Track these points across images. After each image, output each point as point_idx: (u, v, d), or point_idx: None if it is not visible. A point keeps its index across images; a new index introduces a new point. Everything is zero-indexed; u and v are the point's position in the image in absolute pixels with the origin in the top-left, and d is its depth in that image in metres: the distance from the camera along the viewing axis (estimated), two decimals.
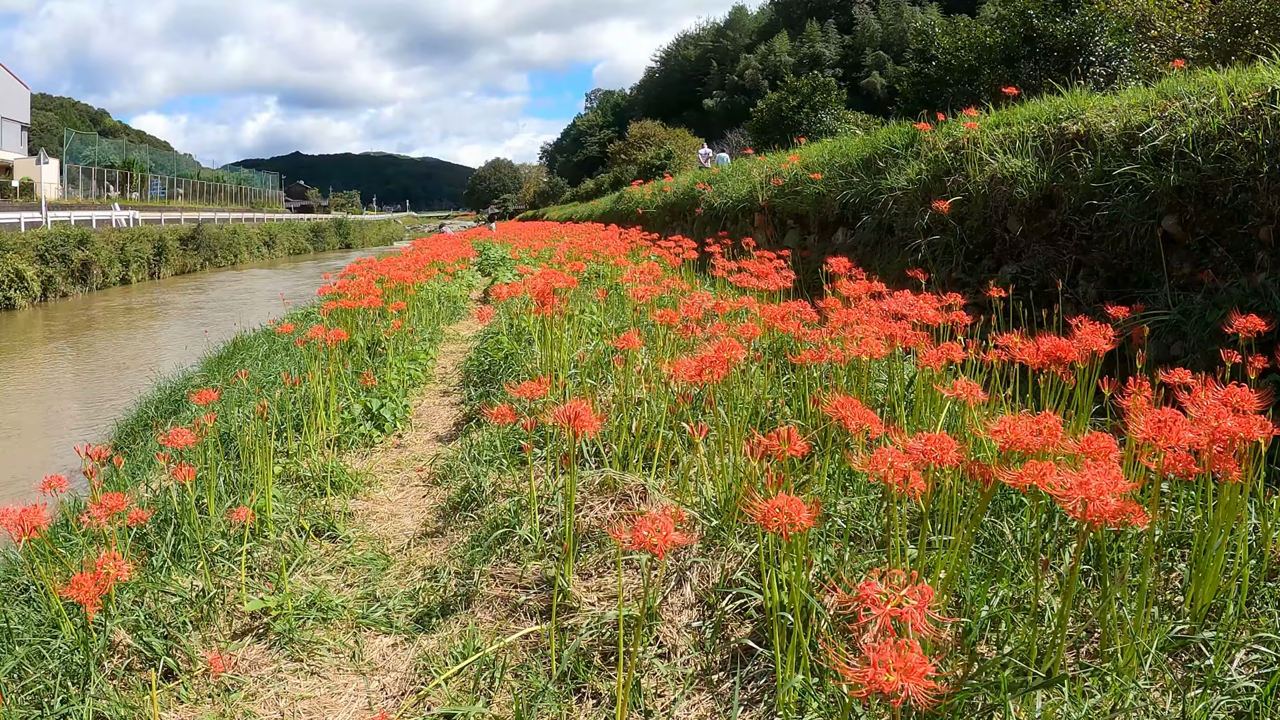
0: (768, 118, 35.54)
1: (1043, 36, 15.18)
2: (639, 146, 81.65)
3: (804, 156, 15.72)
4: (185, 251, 50.13)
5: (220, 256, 54.95)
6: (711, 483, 4.56)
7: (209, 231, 53.62)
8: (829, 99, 34.49)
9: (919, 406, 5.71)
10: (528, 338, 9.58)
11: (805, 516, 2.70)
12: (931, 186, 11.01)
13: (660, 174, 50.73)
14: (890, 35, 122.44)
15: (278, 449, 6.83)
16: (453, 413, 8.56)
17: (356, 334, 10.16)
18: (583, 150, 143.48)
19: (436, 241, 34.80)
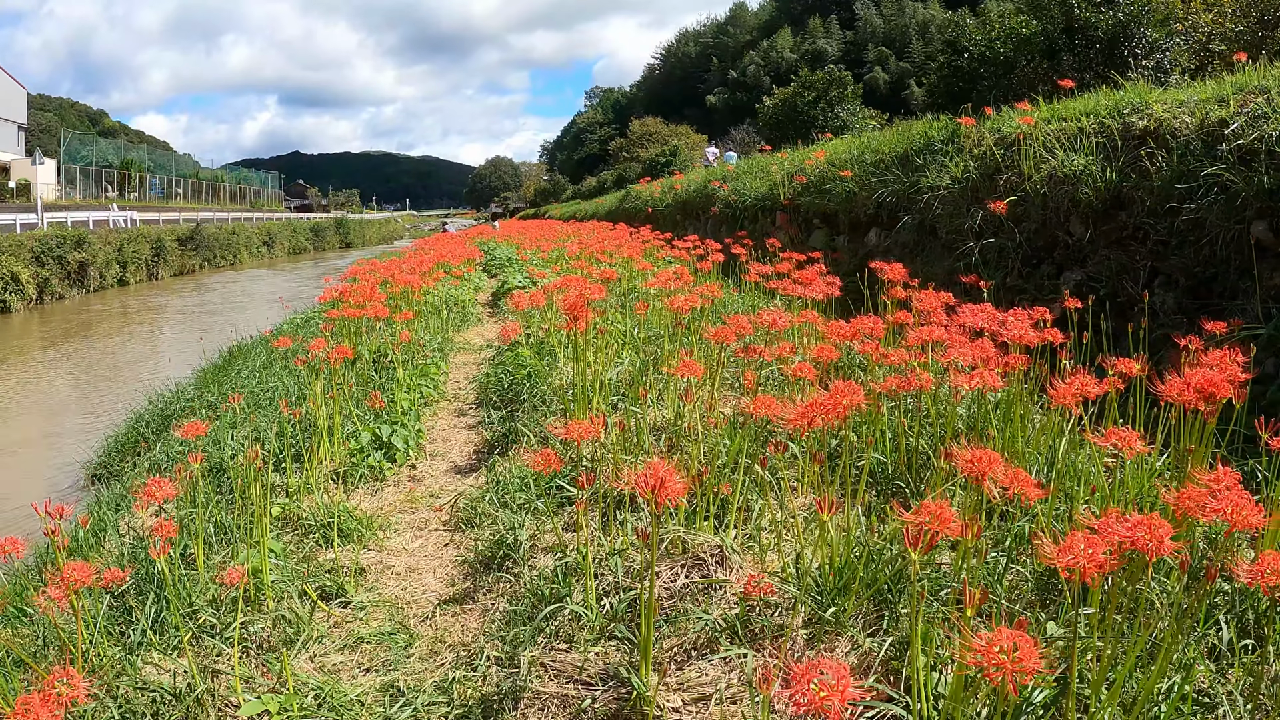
0: (781, 113, 34.63)
1: (1085, 27, 14.38)
2: (641, 144, 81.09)
3: (830, 152, 14.95)
4: (184, 252, 49.69)
5: (219, 257, 54.48)
6: (812, 550, 3.76)
7: (208, 232, 53.10)
8: (845, 94, 33.55)
9: (1011, 440, 4.96)
10: (549, 350, 8.82)
11: (1033, 661, 1.91)
12: (980, 185, 10.26)
13: (666, 171, 49.99)
14: (892, 31, 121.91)
15: (275, 485, 6.05)
16: (470, 437, 7.75)
17: (361, 345, 9.37)
18: (583, 148, 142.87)
19: (438, 241, 34.05)
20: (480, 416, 8.11)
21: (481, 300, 18.31)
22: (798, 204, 15.28)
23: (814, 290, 7.50)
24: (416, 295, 12.27)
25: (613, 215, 36.03)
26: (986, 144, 10.45)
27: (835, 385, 3.61)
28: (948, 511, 2.75)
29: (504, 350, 10.00)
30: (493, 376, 8.65)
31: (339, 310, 9.20)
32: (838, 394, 3.52)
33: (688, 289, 8.21)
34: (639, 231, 19.74)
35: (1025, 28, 15.08)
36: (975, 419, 5.49)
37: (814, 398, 3.54)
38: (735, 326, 5.29)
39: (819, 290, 7.49)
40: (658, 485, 2.80)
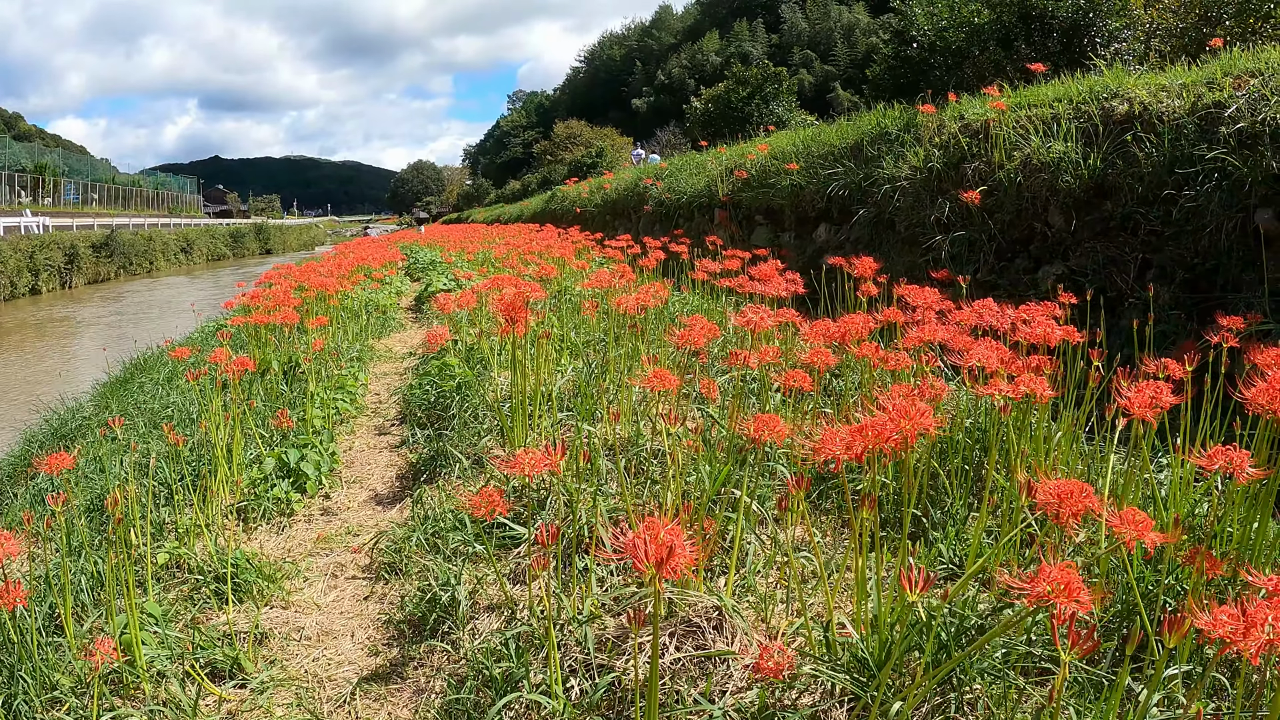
0: (714, 110, 33.74)
1: (1042, 16, 13.72)
2: (565, 146, 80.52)
3: (773, 146, 14.18)
4: (99, 259, 48.02)
5: (135, 264, 52.89)
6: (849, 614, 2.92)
7: (123, 238, 51.48)
8: (780, 90, 32.72)
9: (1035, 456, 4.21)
10: (480, 358, 7.93)
11: None
12: (945, 175, 9.59)
13: (592, 172, 49.23)
14: (817, 34, 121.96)
15: (165, 523, 5.10)
16: (393, 460, 6.79)
17: (270, 356, 8.40)
18: (506, 151, 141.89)
19: (360, 245, 33.03)
20: (404, 435, 7.17)
21: (404, 305, 17.33)
22: (738, 200, 14.51)
23: (773, 288, 6.70)
24: (334, 300, 11.29)
25: (538, 217, 35.23)
26: (949, 131, 9.79)
27: (895, 404, 2.76)
28: (1074, 578, 1.95)
29: (429, 359, 9.09)
30: (417, 389, 7.69)
31: (245, 317, 8.27)
32: (902, 416, 2.68)
33: (631, 288, 7.40)
34: (567, 232, 19.02)
35: (978, 16, 14.38)
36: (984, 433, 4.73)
37: (870, 421, 2.68)
38: (702, 329, 4.45)
39: (778, 288, 6.69)
40: (665, 556, 1.93)
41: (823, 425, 4.90)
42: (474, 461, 5.60)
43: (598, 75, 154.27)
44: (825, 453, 2.68)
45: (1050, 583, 2.00)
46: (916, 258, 9.57)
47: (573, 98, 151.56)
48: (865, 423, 2.66)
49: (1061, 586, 1.99)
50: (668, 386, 3.77)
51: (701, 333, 4.44)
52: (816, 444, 2.75)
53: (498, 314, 5.12)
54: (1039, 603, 2.02)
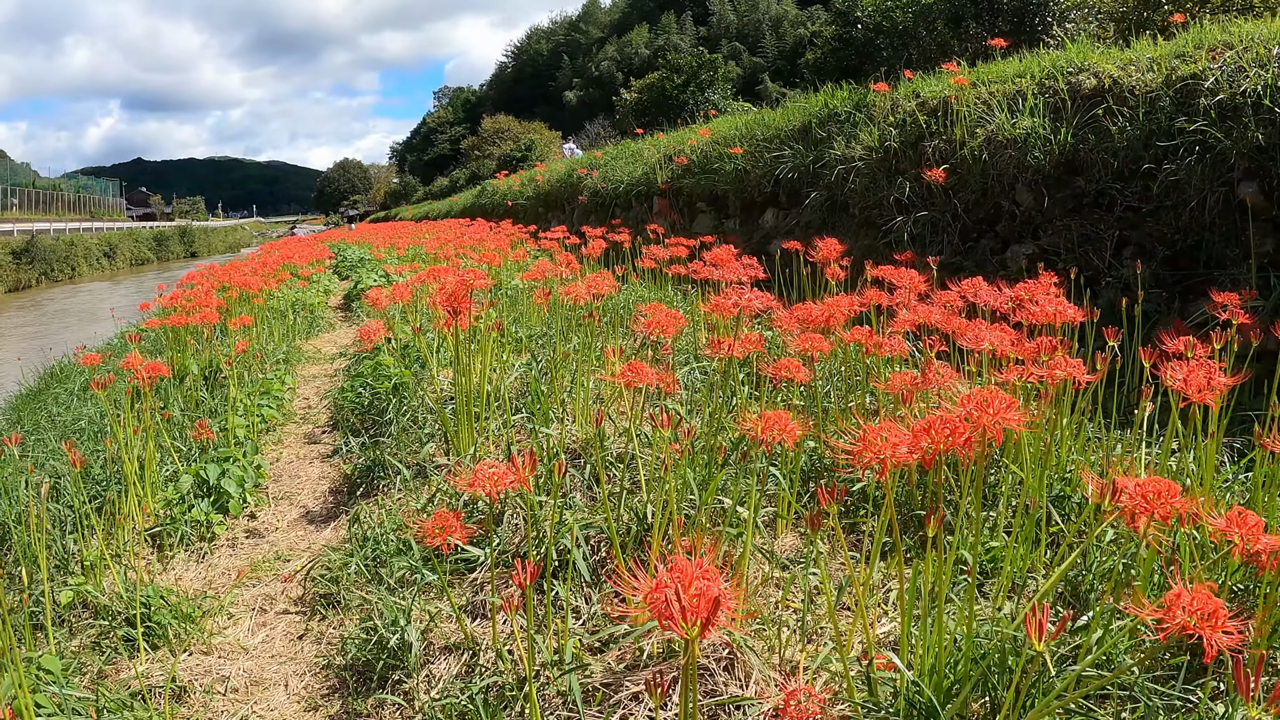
0: (647, 99, 33.09)
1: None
2: (493, 141, 79.78)
3: (715, 131, 13.70)
4: (19, 266, 46.85)
5: (57, 270, 51.60)
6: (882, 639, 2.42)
7: (44, 244, 50.25)
8: (715, 77, 32.07)
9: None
10: (417, 356, 7.36)
11: None
12: (903, 155, 9.18)
13: (522, 166, 48.63)
14: (745, 26, 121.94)
15: (70, 554, 4.49)
16: (325, 471, 6.17)
17: (189, 361, 7.77)
18: (434, 148, 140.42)
19: (287, 245, 32.22)
20: (336, 442, 6.55)
21: (333, 304, 16.65)
22: (679, 188, 14.02)
23: (728, 273, 6.22)
24: (258, 300, 10.65)
25: (468, 212, 34.59)
26: (905, 110, 9.41)
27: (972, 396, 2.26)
28: (1218, 605, 1.48)
29: (361, 358, 8.51)
30: (349, 391, 7.06)
31: (162, 319, 7.65)
32: (982, 409, 2.18)
33: (577, 278, 6.89)
34: (499, 226, 18.48)
35: None
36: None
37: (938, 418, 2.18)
38: (667, 318, 3.93)
39: (735, 273, 6.21)
40: (708, 612, 1.41)
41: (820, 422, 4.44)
42: (416, 472, 5.03)
43: (525, 70, 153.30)
44: (871, 457, 2.18)
45: (1190, 610, 1.54)
46: (875, 240, 9.16)
47: (500, 93, 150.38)
48: (931, 420, 2.15)
49: (1205, 615, 1.53)
50: (643, 381, 3.26)
51: (668, 321, 3.93)
52: (853, 446, 2.25)
53: (437, 306, 4.56)
54: (1179, 635, 1.55)
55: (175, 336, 8.19)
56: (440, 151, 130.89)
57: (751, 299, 3.95)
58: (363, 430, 6.30)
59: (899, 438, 2.21)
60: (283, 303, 12.33)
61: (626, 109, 38.21)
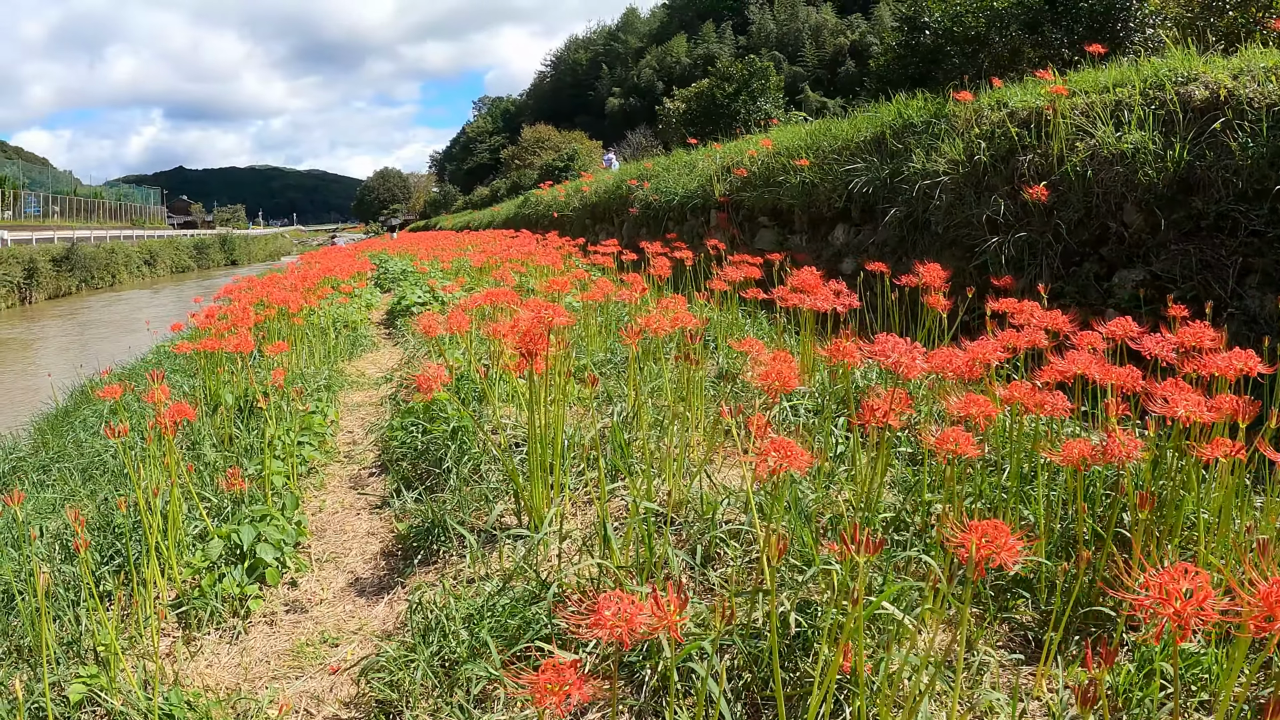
0: (697, 108, 32.24)
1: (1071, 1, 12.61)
2: (533, 151, 79.42)
3: (777, 141, 13.00)
4: (59, 273, 46.78)
5: (97, 277, 51.60)
6: None
7: (85, 251, 50.19)
8: (767, 85, 31.19)
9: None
10: (472, 387, 6.71)
11: None
12: (993, 170, 8.42)
13: (565, 176, 48.05)
14: (785, 35, 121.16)
15: (80, 629, 3.84)
16: (375, 526, 5.46)
17: (222, 389, 7.13)
18: (473, 158, 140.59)
19: (327, 254, 31.73)
20: (386, 489, 5.87)
21: (375, 319, 16.01)
22: (738, 200, 13.33)
23: (819, 301, 5.57)
24: (297, 318, 10.03)
25: (511, 223, 34.05)
26: (991, 120, 8.71)
27: None
28: None
29: (410, 385, 7.86)
30: (399, 430, 6.38)
31: (193, 343, 7.03)
32: None
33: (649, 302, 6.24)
34: (546, 238, 17.82)
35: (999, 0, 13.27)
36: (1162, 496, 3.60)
37: None
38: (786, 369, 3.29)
39: (825, 300, 5.57)
40: None
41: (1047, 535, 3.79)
42: (484, 537, 4.36)
43: (564, 80, 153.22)
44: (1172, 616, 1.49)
45: None
46: (963, 262, 8.44)
47: (539, 103, 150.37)
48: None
49: None
50: (797, 466, 2.60)
51: (787, 372, 3.28)
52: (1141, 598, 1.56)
53: (505, 342, 3.90)
54: None
55: (209, 359, 7.58)
56: (480, 161, 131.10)
57: (883, 347, 3.27)
58: (416, 479, 5.63)
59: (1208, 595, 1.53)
60: (323, 320, 11.71)
61: (671, 118, 37.51)
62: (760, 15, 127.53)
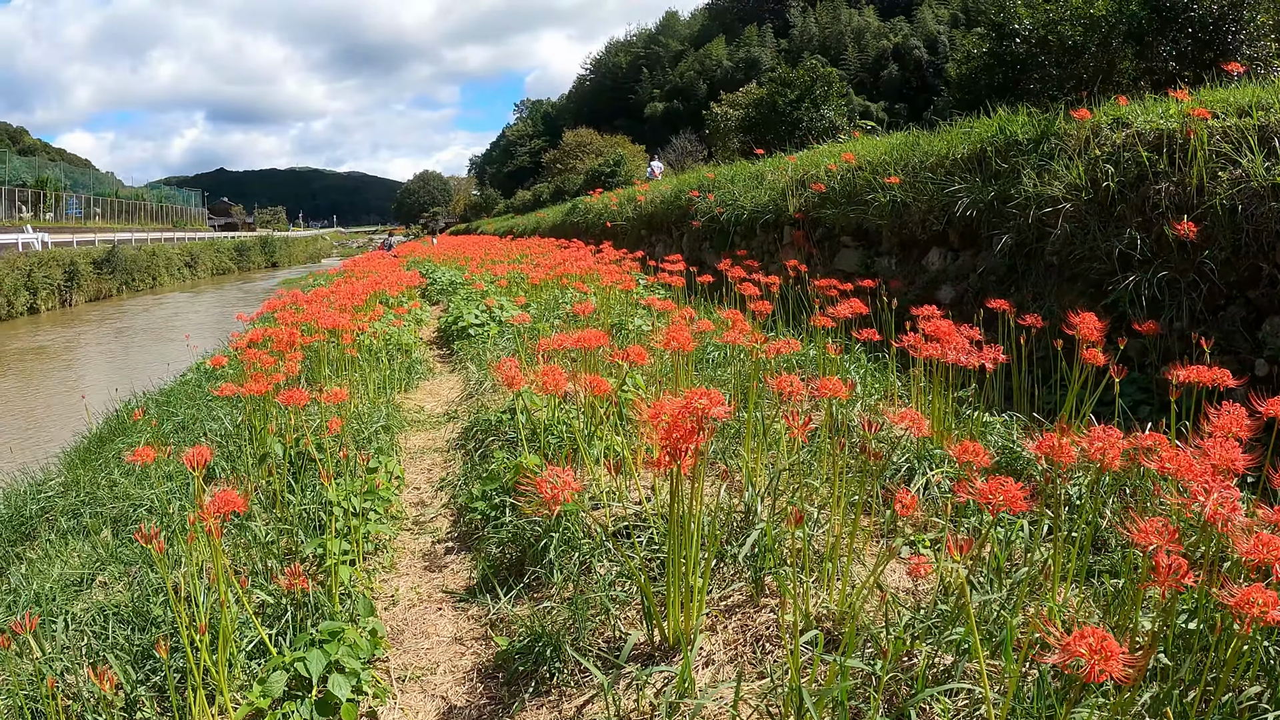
0: (756, 115, 31.15)
1: (1180, 9, 11.64)
2: (575, 155, 78.84)
3: (860, 154, 12.11)
4: (100, 276, 46.92)
5: (138, 280, 51.58)
6: None
7: (125, 253, 50.14)
8: (830, 92, 30.08)
9: None
10: (554, 434, 5.91)
11: None
12: (1121, 198, 7.50)
13: (611, 181, 47.32)
14: (828, 38, 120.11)
15: None
16: (463, 627, 4.54)
17: (272, 441, 6.34)
18: (513, 161, 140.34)
19: (370, 261, 31.08)
20: (467, 574, 5.03)
21: (425, 337, 15.23)
22: (816, 217, 12.44)
23: (958, 354, 4.79)
24: (350, 350, 9.27)
25: (558, 230, 33.25)
26: (1112, 141, 7.82)
27: None
28: None
29: (485, 435, 7.06)
30: (479, 500, 5.49)
31: (238, 387, 6.26)
32: None
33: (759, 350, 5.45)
34: (601, 249, 17.03)
35: (1094, 6, 12.32)
36: None
37: None
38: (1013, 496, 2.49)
39: (962, 352, 4.78)
40: None
41: None
42: (606, 663, 3.53)
43: (604, 83, 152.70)
44: None
45: None
46: (1085, 299, 7.56)
47: (579, 105, 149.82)
48: None
49: None
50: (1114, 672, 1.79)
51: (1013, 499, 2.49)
52: None
53: (647, 432, 3.08)
54: None
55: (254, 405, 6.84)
56: (520, 164, 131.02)
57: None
58: (507, 568, 4.77)
59: None
60: (376, 345, 10.93)
61: (721, 123, 36.58)
62: (802, 19, 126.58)
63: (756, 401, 5.46)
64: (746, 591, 3.83)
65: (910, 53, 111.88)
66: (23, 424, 17.00)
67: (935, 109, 14.97)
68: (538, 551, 4.54)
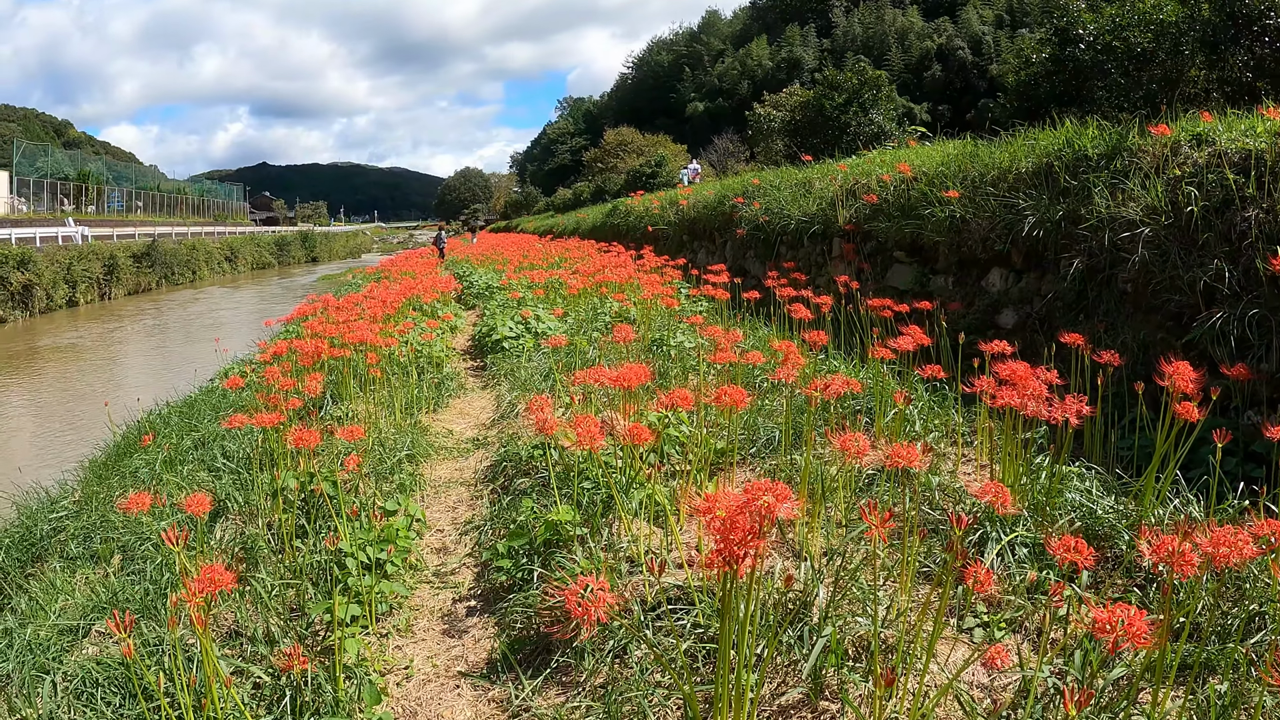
0: (802, 118, 30.41)
1: (1256, 16, 10.97)
2: (616, 154, 78.49)
3: (915, 165, 11.53)
4: (139, 269, 47.25)
5: (178, 274, 51.88)
6: None
7: (165, 247, 50.44)
8: (879, 96, 29.30)
9: None
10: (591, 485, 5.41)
11: None
12: (1206, 224, 6.89)
13: (652, 182, 46.91)
14: (871, 38, 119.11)
15: None
16: (479, 710, 3.98)
17: (287, 476, 5.88)
18: (554, 159, 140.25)
19: (408, 261, 30.73)
20: (489, 644, 4.53)
21: (459, 346, 14.77)
22: (868, 230, 11.88)
23: (1032, 400, 4.31)
24: (375, 369, 8.84)
25: (598, 232, 32.86)
26: (1195, 160, 7.24)
27: None
28: None
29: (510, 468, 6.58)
30: (505, 559, 4.96)
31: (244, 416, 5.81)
32: None
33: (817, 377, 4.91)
34: (642, 254, 16.58)
35: (1164, 11, 11.68)
36: None
37: None
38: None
39: (1040, 401, 4.30)
40: None
41: None
42: None
43: (645, 82, 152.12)
44: None
45: None
46: (1163, 333, 6.99)
47: (620, 104, 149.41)
48: None
49: None
50: None
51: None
52: None
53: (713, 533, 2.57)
54: None
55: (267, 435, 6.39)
56: (560, 162, 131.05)
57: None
58: (532, 644, 4.25)
59: None
60: (405, 357, 10.46)
61: (764, 125, 35.94)
62: (846, 19, 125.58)
63: (808, 440, 4.95)
64: (803, 691, 3.32)
65: (954, 54, 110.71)
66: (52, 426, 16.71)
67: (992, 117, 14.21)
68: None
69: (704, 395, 5.52)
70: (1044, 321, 8.42)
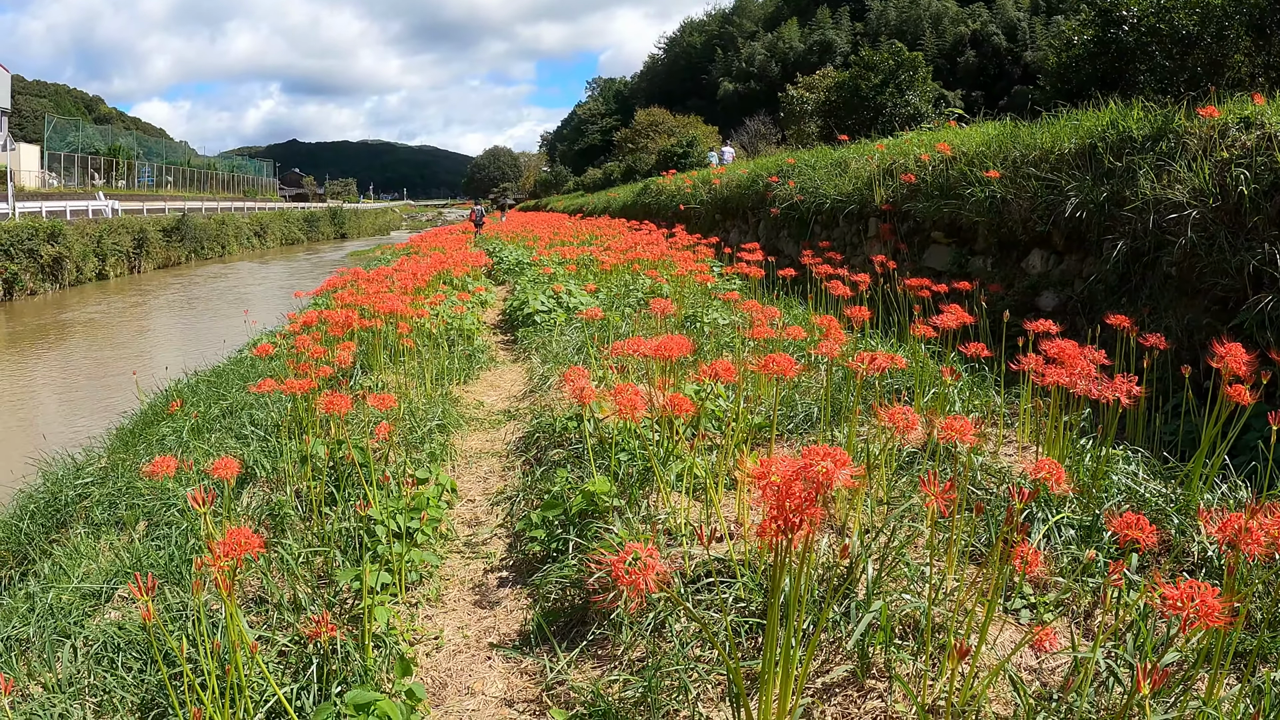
0: (837, 99, 30.10)
1: None
2: (647, 134, 78.06)
3: (955, 145, 11.35)
4: (169, 243, 47.54)
5: (207, 248, 52.19)
6: None
7: (194, 222, 50.70)
8: (915, 78, 29.01)
9: None
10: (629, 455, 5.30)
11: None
12: (1255, 208, 6.71)
13: (684, 162, 46.65)
14: (905, 22, 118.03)
15: None
16: (514, 684, 3.88)
17: (316, 443, 5.80)
18: (584, 139, 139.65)
19: (437, 237, 30.68)
20: (522, 616, 4.44)
21: (489, 320, 14.68)
22: (905, 209, 11.71)
23: (1081, 380, 4.17)
24: (407, 339, 8.74)
25: (629, 211, 32.69)
26: (1245, 143, 7.05)
27: None
28: None
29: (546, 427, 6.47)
30: (539, 529, 4.88)
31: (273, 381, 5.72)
32: None
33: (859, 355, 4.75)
34: (674, 232, 16.48)
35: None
36: None
37: None
38: None
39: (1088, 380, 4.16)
40: None
41: None
42: None
43: (677, 63, 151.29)
44: None
45: None
46: (1207, 317, 6.82)
47: (651, 85, 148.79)
48: None
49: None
50: None
51: None
52: None
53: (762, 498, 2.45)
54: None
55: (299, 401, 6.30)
56: (591, 142, 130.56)
57: None
58: (567, 615, 4.15)
59: None
60: (436, 330, 10.36)
61: (796, 106, 35.61)
62: (880, 2, 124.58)
63: (853, 415, 4.84)
64: (849, 668, 3.22)
65: (989, 39, 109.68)
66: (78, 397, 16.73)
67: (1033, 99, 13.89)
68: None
69: (747, 365, 5.42)
70: (1085, 304, 8.26)
